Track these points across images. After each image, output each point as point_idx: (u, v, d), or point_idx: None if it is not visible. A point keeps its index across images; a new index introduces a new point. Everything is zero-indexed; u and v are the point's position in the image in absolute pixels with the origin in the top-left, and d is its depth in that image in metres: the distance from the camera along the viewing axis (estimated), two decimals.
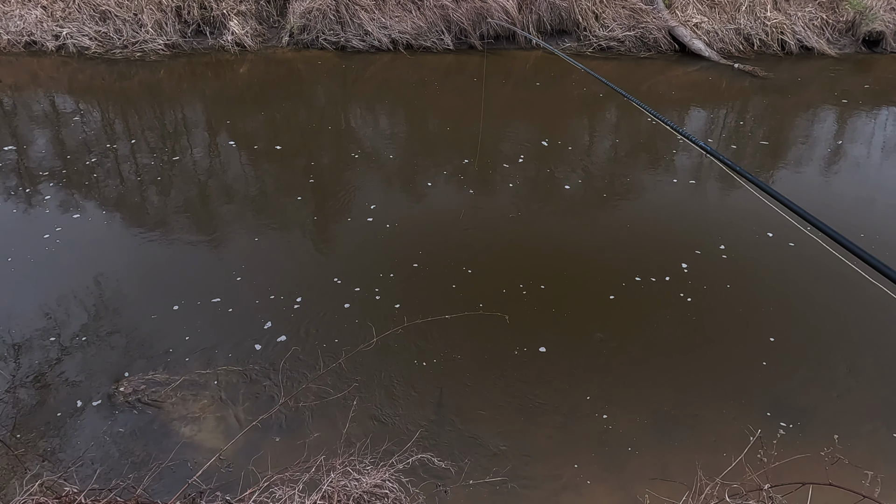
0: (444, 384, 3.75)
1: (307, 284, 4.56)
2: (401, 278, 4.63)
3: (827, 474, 2.30)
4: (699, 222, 5.62)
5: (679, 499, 2.54)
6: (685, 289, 4.59)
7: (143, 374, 3.75)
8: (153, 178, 5.98)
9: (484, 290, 4.52)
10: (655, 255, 4.99)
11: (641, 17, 10.09)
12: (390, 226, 5.28)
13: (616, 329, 4.24)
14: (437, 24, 9.73)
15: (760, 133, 7.69)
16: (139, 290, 4.47)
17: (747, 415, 3.60)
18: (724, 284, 4.66)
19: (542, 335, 4.14)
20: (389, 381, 3.75)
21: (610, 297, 4.52)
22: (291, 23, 9.55)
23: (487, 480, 3.15)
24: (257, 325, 4.14)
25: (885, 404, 3.72)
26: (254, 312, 4.25)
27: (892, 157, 7.18)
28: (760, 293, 4.61)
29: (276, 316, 4.23)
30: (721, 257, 4.97)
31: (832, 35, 10.46)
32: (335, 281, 4.58)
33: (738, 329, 4.29)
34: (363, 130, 7.43)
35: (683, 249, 5.05)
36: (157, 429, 3.45)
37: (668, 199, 6.05)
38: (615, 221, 5.60)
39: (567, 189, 6.11)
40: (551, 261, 4.95)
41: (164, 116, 7.55)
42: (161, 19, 9.21)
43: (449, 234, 5.29)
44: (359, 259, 4.91)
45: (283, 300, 4.37)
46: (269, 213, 5.52)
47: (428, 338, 4.03)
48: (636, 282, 4.64)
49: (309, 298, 4.39)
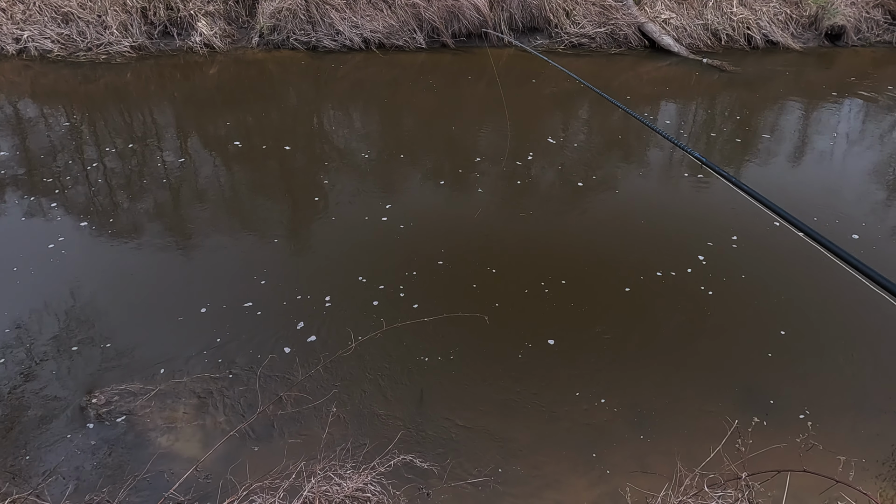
0: (426, 385, 3.73)
1: (269, 294, 4.51)
2: (386, 281, 4.61)
3: (802, 461, 2.35)
4: (712, 215, 5.67)
5: (659, 491, 2.57)
6: (704, 282, 4.66)
7: (117, 385, 3.66)
8: (122, 182, 5.85)
9: (491, 288, 4.52)
10: (672, 248, 5.07)
11: (611, 13, 10.19)
12: (403, 226, 5.25)
13: (614, 324, 4.28)
14: (408, 22, 9.69)
15: (730, 126, 7.83)
16: (111, 300, 4.36)
17: (724, 405, 3.65)
18: (738, 275, 4.76)
19: (524, 334, 4.16)
20: (370, 386, 3.72)
21: (613, 296, 4.55)
22: (261, 23, 9.42)
23: (470, 481, 3.15)
24: (214, 333, 4.08)
25: (856, 390, 3.81)
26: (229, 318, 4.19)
27: (856, 146, 7.36)
28: (751, 285, 4.70)
29: (245, 324, 4.17)
30: (732, 247, 5.06)
31: (796, 29, 10.70)
32: (301, 292, 4.54)
33: (727, 321, 4.36)
34: (368, 129, 7.37)
35: (697, 242, 5.14)
36: (131, 440, 3.37)
37: (656, 195, 6.12)
38: (629, 217, 5.63)
39: (580, 186, 6.15)
40: (561, 260, 4.98)
41: (133, 119, 7.38)
42: (126, 21, 9.00)
43: (456, 233, 5.27)
44: (324, 264, 4.87)
45: (234, 307, 4.31)
46: (244, 214, 5.44)
47: (407, 340, 4.01)
48: (657, 276, 4.71)
49: (266, 309, 4.34)
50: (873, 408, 3.68)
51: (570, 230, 5.47)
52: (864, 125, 8.02)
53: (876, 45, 10.91)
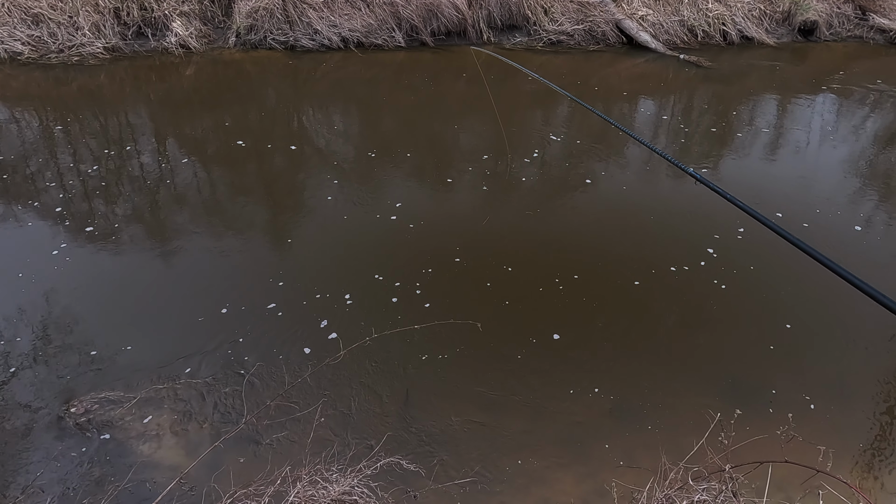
0: (412, 385, 3.72)
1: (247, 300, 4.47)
2: (376, 284, 4.58)
3: (783, 452, 2.39)
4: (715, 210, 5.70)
5: (645, 485, 2.59)
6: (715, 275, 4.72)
7: (97, 393, 3.60)
8: (99, 185, 5.74)
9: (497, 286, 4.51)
10: (681, 243, 5.15)
11: (589, 10, 10.25)
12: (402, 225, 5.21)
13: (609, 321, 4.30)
14: (387, 21, 9.66)
15: (706, 121, 7.92)
16: (87, 305, 4.28)
17: (707, 397, 3.70)
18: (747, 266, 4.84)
19: (528, 331, 4.16)
20: (356, 392, 3.70)
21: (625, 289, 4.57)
22: (238, 23, 9.31)
23: (457, 481, 3.15)
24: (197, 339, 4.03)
25: (834, 379, 3.88)
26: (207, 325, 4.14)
27: (829, 139, 7.50)
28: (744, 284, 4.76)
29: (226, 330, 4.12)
30: (738, 239, 5.15)
31: (770, 25, 10.86)
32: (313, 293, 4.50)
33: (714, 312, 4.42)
34: (367, 129, 7.32)
35: (705, 235, 5.20)
36: (112, 449, 3.31)
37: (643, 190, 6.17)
38: (636, 212, 5.67)
39: (589, 183, 6.18)
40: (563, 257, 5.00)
41: (108, 122, 7.25)
42: (99, 21, 8.84)
43: (467, 231, 5.28)
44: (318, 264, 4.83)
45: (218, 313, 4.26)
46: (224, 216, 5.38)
47: (393, 348, 3.99)
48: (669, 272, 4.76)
49: (244, 312, 4.30)
50: (851, 397, 3.75)
51: (579, 227, 5.49)
52: (837, 118, 8.17)
53: (847, 40, 11.11)
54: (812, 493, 2.51)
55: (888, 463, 3.35)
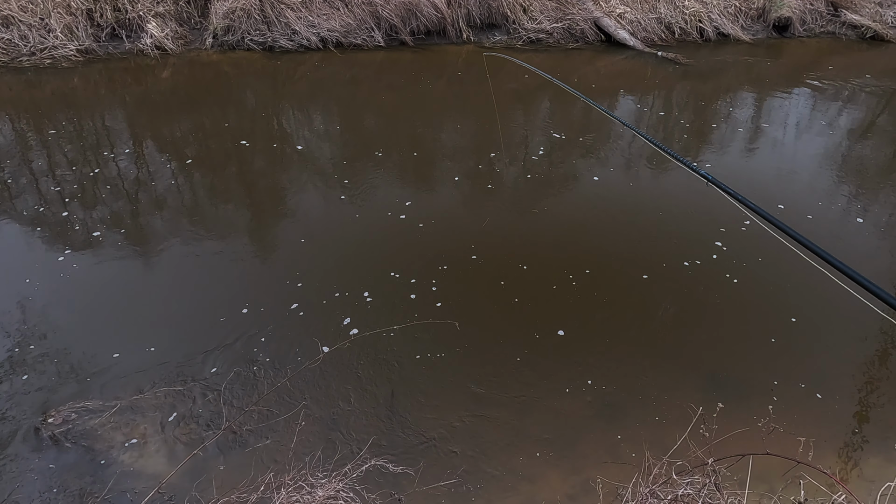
0: (396, 387, 3.71)
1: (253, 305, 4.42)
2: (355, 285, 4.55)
3: (764, 444, 2.41)
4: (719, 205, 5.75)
5: (629, 480, 2.60)
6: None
7: (74, 403, 3.53)
8: (77, 191, 5.64)
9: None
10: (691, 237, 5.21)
11: (568, 8, 10.30)
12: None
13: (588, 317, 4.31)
14: (366, 20, 9.60)
15: (685, 116, 8.00)
16: (64, 315, 4.20)
17: (687, 391, 3.73)
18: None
19: (495, 331, 4.17)
20: (341, 394, 3.67)
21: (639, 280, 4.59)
22: (214, 24, 9.20)
23: (443, 482, 3.14)
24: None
25: (813, 371, 3.94)
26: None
27: (805, 133, 7.61)
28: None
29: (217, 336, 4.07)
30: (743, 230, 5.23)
31: (745, 22, 10.99)
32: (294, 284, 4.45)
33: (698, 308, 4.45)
34: (365, 127, 7.26)
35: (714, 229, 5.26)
36: (91, 459, 3.25)
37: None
38: (641, 209, 5.72)
39: (596, 181, 6.21)
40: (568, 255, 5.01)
41: (83, 126, 7.12)
42: (71, 23, 8.67)
43: (478, 229, 5.31)
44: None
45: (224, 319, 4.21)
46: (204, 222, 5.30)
47: (378, 348, 3.97)
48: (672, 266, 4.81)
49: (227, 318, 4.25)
50: (830, 389, 3.81)
51: (587, 223, 5.53)
52: (812, 112, 8.29)
53: (820, 36, 11.29)
54: (794, 483, 2.55)
55: (866, 452, 3.41)
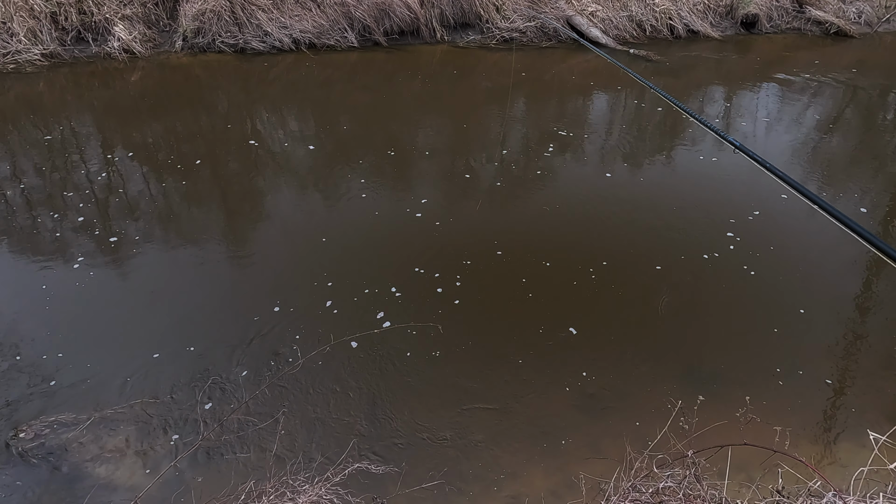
0: (378, 389, 3.69)
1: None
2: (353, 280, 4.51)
3: (742, 434, 2.46)
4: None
5: (611, 476, 2.63)
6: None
7: (46, 417, 3.44)
8: (42, 198, 5.50)
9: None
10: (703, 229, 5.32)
11: (540, 7, 10.35)
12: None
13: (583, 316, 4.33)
14: (339, 21, 9.54)
15: (659, 113, 8.10)
16: (34, 326, 4.09)
17: (667, 384, 3.78)
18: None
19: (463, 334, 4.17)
20: (319, 400, 3.64)
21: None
22: (184, 26, 9.05)
23: (426, 484, 3.13)
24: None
25: (786, 360, 4.02)
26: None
27: (775, 126, 7.77)
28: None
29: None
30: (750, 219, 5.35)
31: (714, 19, 11.18)
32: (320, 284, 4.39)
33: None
34: (364, 128, 7.18)
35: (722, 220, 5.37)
36: (66, 474, 3.17)
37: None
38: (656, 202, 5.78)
39: (609, 177, 6.26)
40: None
41: (52, 132, 6.95)
42: (35, 27, 8.46)
43: (493, 225, 5.34)
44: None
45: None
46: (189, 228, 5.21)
47: (364, 347, 3.95)
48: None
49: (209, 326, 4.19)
50: (803, 377, 3.89)
51: (600, 218, 5.56)
52: (780, 106, 8.47)
53: (786, 32, 11.53)
54: (771, 471, 2.59)
55: (840, 438, 3.49)
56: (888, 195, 6.16)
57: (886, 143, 7.57)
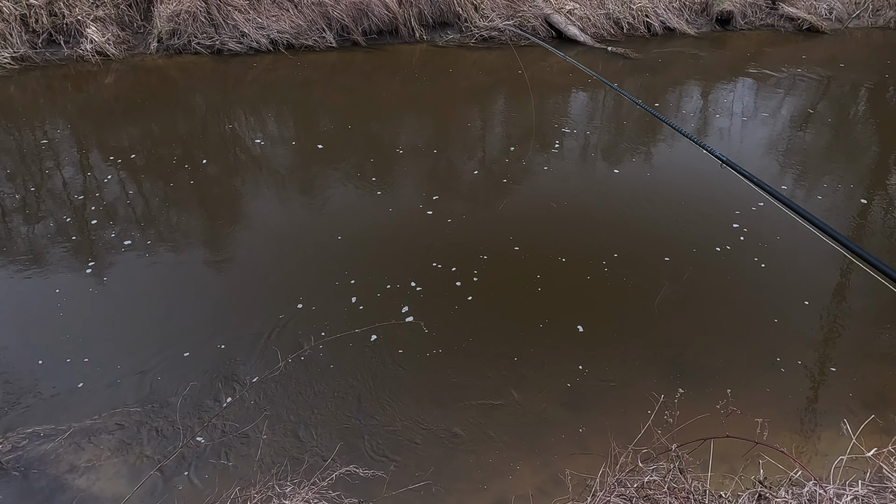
0: (360, 390, 3.67)
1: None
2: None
3: (724, 427, 2.49)
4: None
5: (597, 471, 2.65)
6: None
7: (24, 429, 3.37)
8: (16, 207, 5.38)
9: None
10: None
11: (518, 6, 10.38)
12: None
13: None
14: (316, 21, 9.47)
15: (637, 110, 8.17)
16: (8, 335, 4.01)
17: (651, 379, 3.82)
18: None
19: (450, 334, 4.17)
20: (304, 402, 3.62)
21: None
22: (158, 27, 8.91)
23: (413, 484, 3.13)
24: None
25: (766, 354, 4.08)
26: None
27: (752, 121, 7.89)
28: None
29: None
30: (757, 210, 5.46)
31: (690, 16, 11.30)
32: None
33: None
34: (365, 128, 7.11)
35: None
36: (45, 486, 3.11)
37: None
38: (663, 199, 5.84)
39: (616, 173, 6.33)
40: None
41: (23, 136, 6.80)
42: (4, 29, 8.27)
43: (504, 222, 5.36)
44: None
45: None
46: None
47: (339, 351, 3.93)
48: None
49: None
50: (782, 368, 3.96)
51: (607, 214, 5.62)
52: (756, 101, 8.60)
53: (760, 28, 11.70)
54: (753, 462, 2.63)
55: (819, 428, 3.56)
56: (861, 187, 6.29)
57: (858, 135, 7.73)
